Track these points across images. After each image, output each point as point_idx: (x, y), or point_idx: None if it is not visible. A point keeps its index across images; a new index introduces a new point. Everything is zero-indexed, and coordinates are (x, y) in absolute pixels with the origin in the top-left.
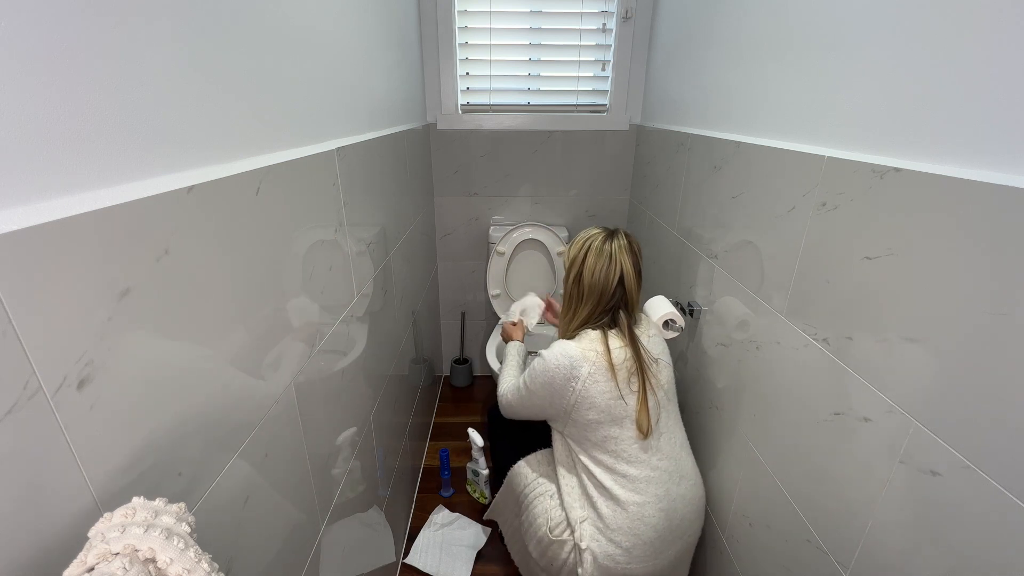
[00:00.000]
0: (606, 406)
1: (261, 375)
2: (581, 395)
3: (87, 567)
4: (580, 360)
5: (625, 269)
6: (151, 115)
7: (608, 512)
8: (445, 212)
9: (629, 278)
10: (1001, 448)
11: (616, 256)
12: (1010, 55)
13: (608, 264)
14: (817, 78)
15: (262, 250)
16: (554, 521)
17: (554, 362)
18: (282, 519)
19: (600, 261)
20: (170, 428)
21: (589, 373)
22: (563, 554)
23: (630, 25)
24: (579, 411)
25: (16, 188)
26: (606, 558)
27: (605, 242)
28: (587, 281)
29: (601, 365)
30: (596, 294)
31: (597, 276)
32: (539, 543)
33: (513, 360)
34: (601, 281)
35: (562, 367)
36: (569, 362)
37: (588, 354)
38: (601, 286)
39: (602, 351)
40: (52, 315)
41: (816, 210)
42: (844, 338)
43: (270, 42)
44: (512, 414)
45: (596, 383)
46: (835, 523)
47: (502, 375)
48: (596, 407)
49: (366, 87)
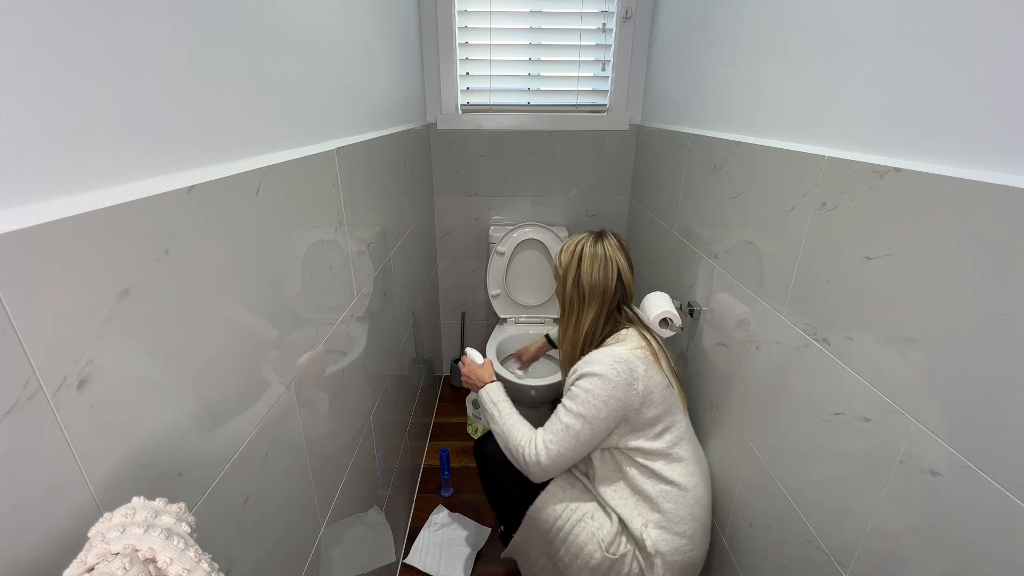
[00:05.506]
0: (662, 398)
1: (261, 375)
2: (643, 395)
3: (87, 567)
4: (633, 360)
5: (621, 266)
6: (151, 115)
7: (671, 507)
8: (445, 212)
9: (626, 274)
10: (1001, 448)
11: (611, 255)
12: (1010, 55)
13: (605, 264)
14: (817, 78)
15: (262, 250)
16: (607, 540)
17: (612, 371)
18: (282, 519)
19: (596, 263)
20: (170, 428)
21: (645, 370)
22: (625, 568)
23: (630, 25)
24: (641, 414)
25: (16, 188)
26: (674, 553)
27: (596, 244)
28: (587, 283)
29: (649, 359)
30: (599, 294)
31: (597, 277)
32: (597, 569)
33: (506, 407)
34: (602, 281)
35: (622, 374)
36: (626, 366)
37: (636, 352)
38: (603, 286)
39: (646, 345)
40: (52, 315)
41: (816, 210)
42: (844, 338)
43: (270, 42)
44: (557, 468)
45: (652, 377)
46: (835, 523)
47: (504, 432)
48: (655, 402)
49: (366, 87)
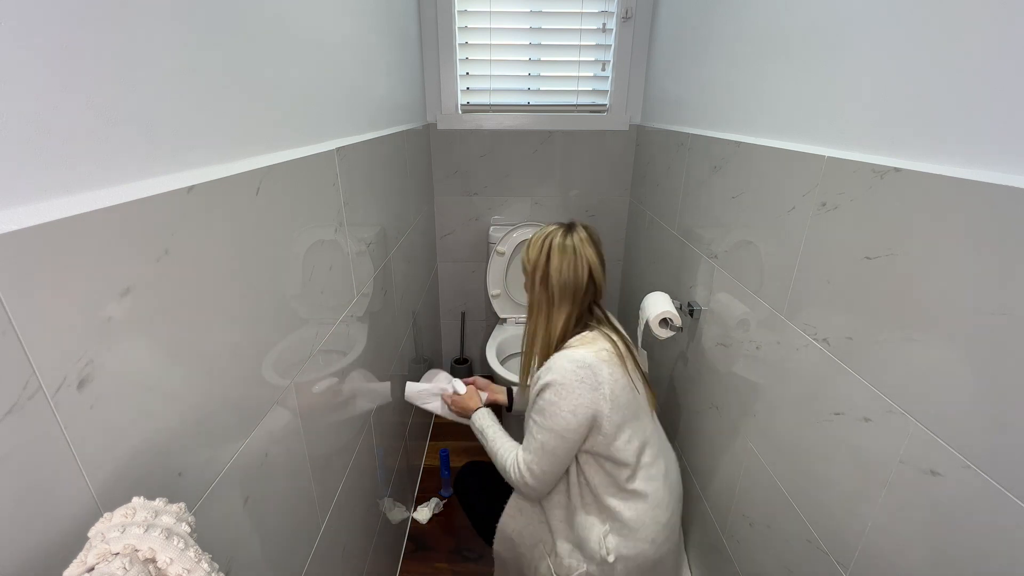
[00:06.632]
0: (627, 402)
1: (261, 375)
2: (610, 400)
3: (87, 567)
4: (597, 364)
5: (591, 262)
6: (151, 115)
7: (631, 515)
8: (445, 212)
9: (597, 270)
10: (1001, 448)
11: (580, 251)
12: (1010, 55)
13: (575, 260)
14: (817, 78)
15: (262, 250)
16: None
17: (575, 377)
18: (282, 519)
19: (566, 259)
20: (170, 428)
21: (610, 373)
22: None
23: (630, 25)
24: (609, 420)
25: (16, 188)
26: (636, 557)
27: (566, 238)
28: (556, 282)
29: (614, 362)
30: (570, 293)
31: (567, 275)
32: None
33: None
34: (572, 279)
35: (585, 379)
36: (589, 370)
37: (601, 354)
38: (573, 284)
39: (610, 347)
40: (52, 315)
41: (816, 210)
42: (844, 338)
43: (270, 42)
44: (547, 485)
45: (617, 381)
46: (835, 523)
47: (494, 456)
48: (620, 407)
49: (366, 87)
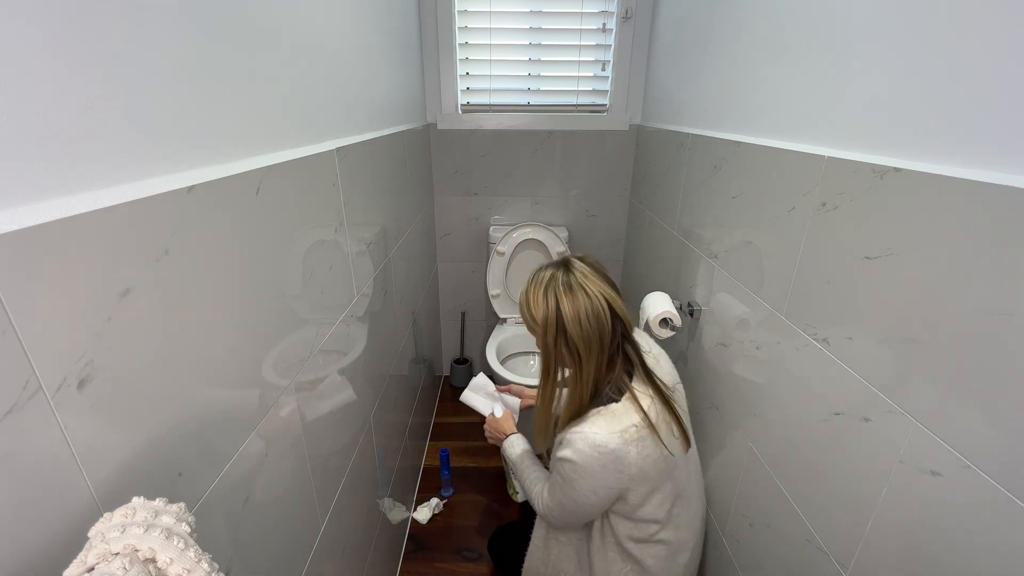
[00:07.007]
0: (658, 472)
1: (261, 375)
2: (638, 479)
3: (87, 567)
4: (622, 448)
5: (607, 295)
6: (151, 115)
7: (653, 562)
8: (445, 212)
9: (617, 302)
10: (1001, 448)
11: (589, 287)
12: (1010, 54)
13: (588, 301)
14: (817, 77)
15: (262, 250)
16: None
17: (595, 463)
18: (282, 519)
19: (578, 302)
20: (170, 428)
21: (638, 453)
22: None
23: (630, 25)
24: (636, 493)
25: (16, 188)
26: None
27: (568, 277)
28: (577, 336)
29: (644, 435)
30: (596, 343)
31: (587, 324)
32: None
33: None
34: (595, 326)
35: (607, 466)
36: (612, 456)
37: (628, 433)
38: (598, 331)
39: (640, 420)
40: (52, 315)
41: (816, 210)
42: (844, 338)
43: (270, 42)
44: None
45: (647, 458)
46: (835, 523)
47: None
48: (648, 479)
49: (366, 87)
